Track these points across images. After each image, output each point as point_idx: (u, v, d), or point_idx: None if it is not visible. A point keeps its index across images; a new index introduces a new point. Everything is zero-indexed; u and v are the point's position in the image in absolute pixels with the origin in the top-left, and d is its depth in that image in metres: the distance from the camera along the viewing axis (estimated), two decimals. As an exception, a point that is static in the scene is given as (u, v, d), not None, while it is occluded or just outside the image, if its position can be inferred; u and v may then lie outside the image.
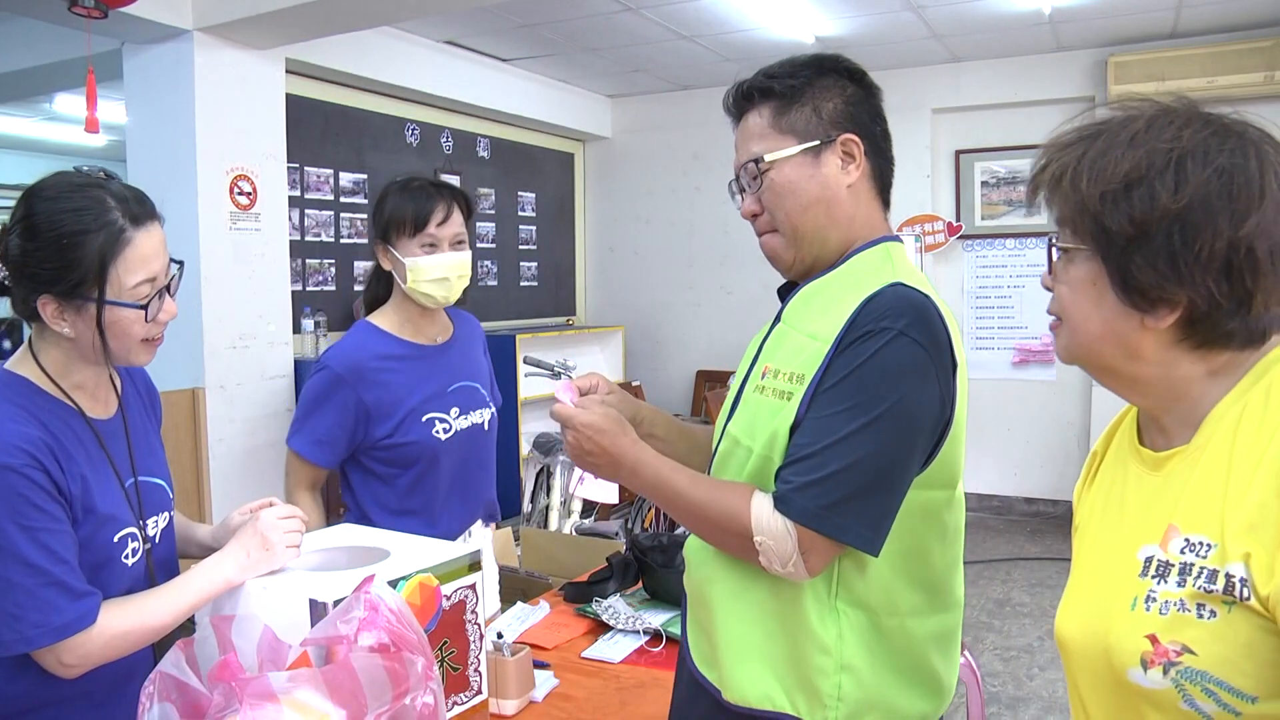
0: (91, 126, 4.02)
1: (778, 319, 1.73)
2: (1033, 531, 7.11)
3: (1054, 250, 1.18)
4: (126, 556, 1.66)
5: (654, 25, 6.43)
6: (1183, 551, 1.06)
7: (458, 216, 2.51)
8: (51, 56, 5.65)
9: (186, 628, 1.61)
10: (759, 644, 1.55)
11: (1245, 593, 1.00)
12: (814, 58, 1.67)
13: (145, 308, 1.62)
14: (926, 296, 1.49)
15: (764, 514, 1.45)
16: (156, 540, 1.76)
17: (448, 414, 2.53)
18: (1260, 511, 1.00)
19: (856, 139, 1.62)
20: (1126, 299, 1.10)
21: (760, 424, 1.56)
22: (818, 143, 1.60)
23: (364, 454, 2.48)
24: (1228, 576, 1.01)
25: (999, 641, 5.01)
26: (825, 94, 1.63)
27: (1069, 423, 7.31)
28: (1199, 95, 5.89)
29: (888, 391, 1.42)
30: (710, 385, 7.67)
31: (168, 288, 1.67)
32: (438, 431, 2.49)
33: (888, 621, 1.53)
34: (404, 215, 2.45)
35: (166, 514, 1.82)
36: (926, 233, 7.46)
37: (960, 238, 7.54)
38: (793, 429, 1.49)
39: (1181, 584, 1.05)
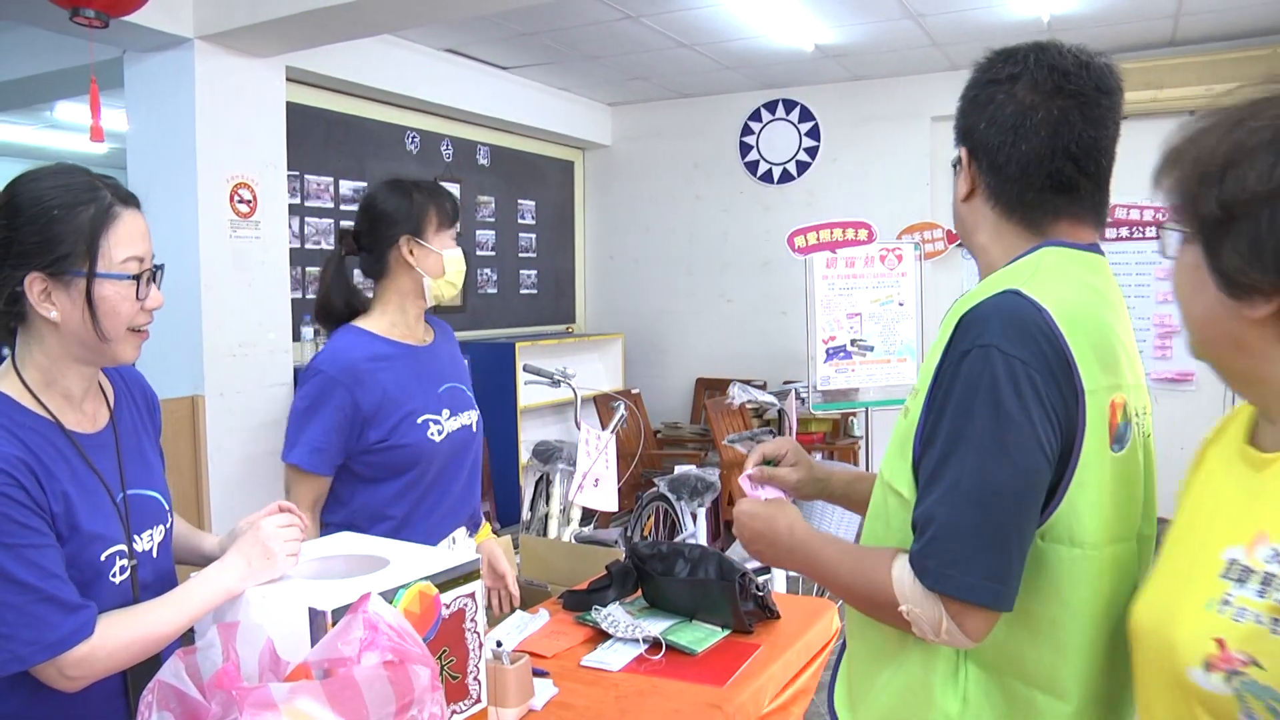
0: (97, 136, 4.01)
1: None
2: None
3: (1168, 236, 1.13)
4: (114, 575, 1.62)
5: (654, 33, 6.44)
6: (1269, 561, 1.00)
7: None
8: (53, 65, 5.67)
9: (185, 637, 1.60)
10: (886, 704, 1.45)
11: None
12: None
13: (137, 280, 1.60)
14: (1038, 307, 1.30)
15: (906, 580, 1.31)
16: (154, 554, 1.72)
17: (440, 415, 2.49)
18: None
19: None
20: (1221, 285, 1.05)
21: (892, 455, 1.44)
22: None
23: (354, 459, 2.41)
24: None
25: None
26: None
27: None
28: (1197, 103, 5.92)
29: (976, 421, 1.28)
30: (710, 393, 7.67)
31: (154, 277, 1.65)
32: (432, 434, 2.46)
33: (1020, 690, 1.36)
34: (440, 207, 2.47)
35: (162, 527, 1.77)
36: (926, 240, 7.46)
37: (960, 245, 7.54)
38: (916, 464, 1.38)
39: (1261, 594, 0.99)
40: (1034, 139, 1.41)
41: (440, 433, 2.48)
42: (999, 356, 1.27)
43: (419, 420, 2.43)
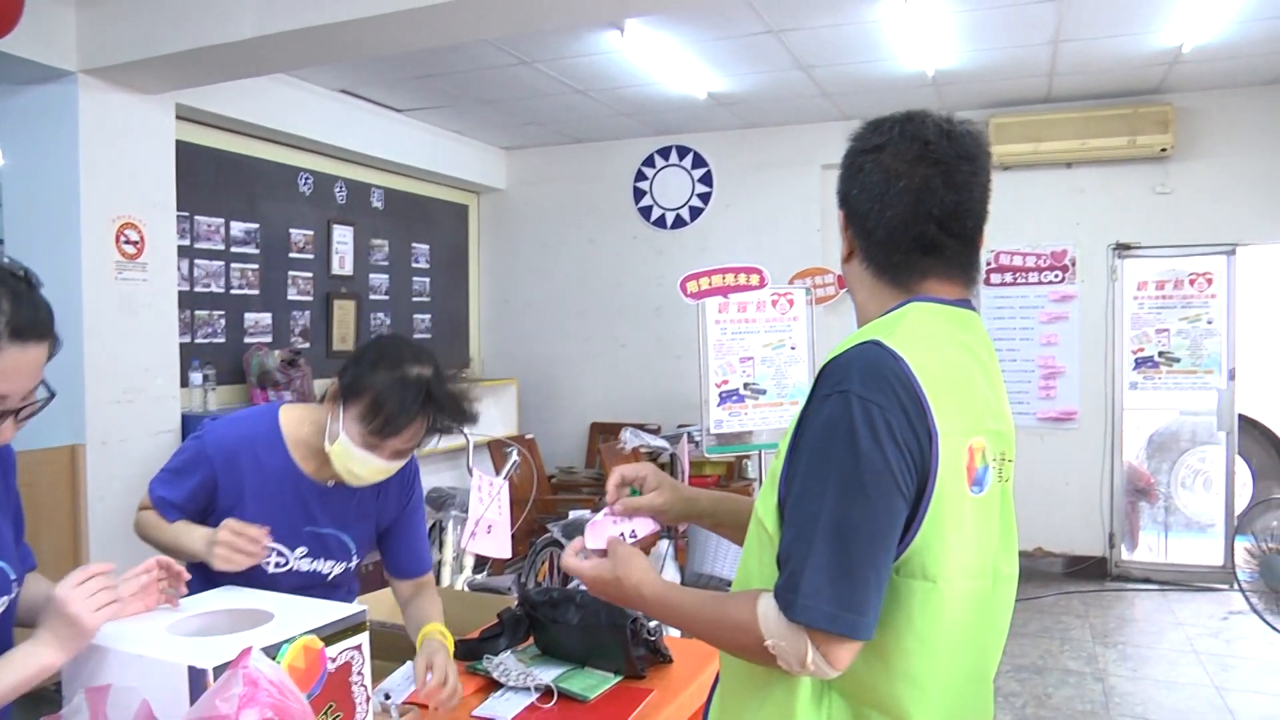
0: None
1: None
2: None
3: None
4: None
5: (548, 79, 6.49)
6: None
7: (419, 437, 2.28)
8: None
9: (53, 702, 1.53)
10: None
11: None
12: None
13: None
14: (895, 356, 1.38)
15: (771, 615, 1.36)
16: None
17: (290, 552, 2.36)
18: None
19: None
20: None
21: (765, 492, 1.49)
22: None
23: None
24: None
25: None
26: None
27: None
28: (1073, 156, 6.20)
29: (834, 460, 1.35)
30: (605, 437, 7.68)
31: (17, 411, 1.55)
32: (267, 563, 2.30)
33: (875, 718, 1.42)
34: (374, 406, 2.18)
35: (5, 598, 1.68)
36: (817, 285, 7.60)
37: (849, 292, 7.67)
38: (781, 502, 1.43)
39: None
40: (898, 205, 1.50)
41: (281, 565, 2.36)
42: (856, 401, 1.34)
43: None
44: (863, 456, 1.32)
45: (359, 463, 2.23)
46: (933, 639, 1.40)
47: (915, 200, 1.49)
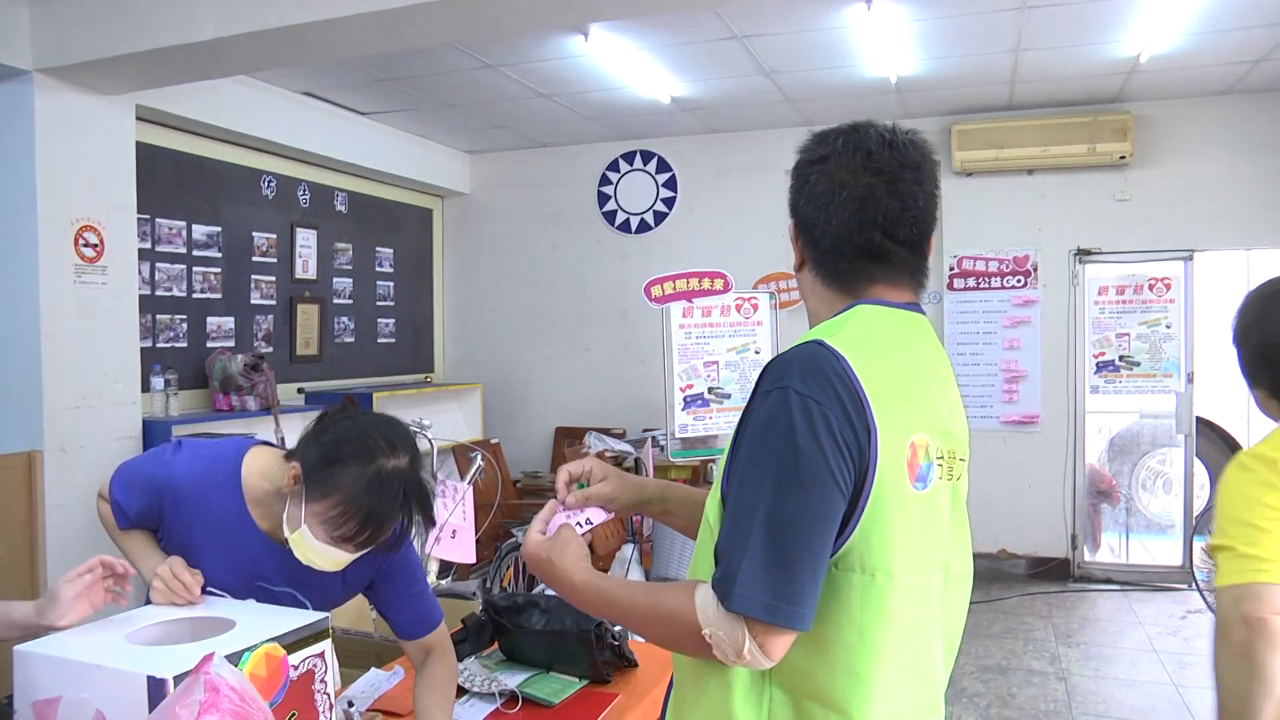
0: None
1: None
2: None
3: None
4: None
5: (513, 83, 6.48)
6: None
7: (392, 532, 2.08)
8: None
9: (4, 715, 1.51)
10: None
11: None
12: None
13: None
14: (835, 354, 1.41)
15: (709, 605, 1.37)
16: None
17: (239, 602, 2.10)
18: None
19: None
20: None
21: (713, 490, 1.52)
22: None
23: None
24: None
25: None
26: None
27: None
28: (1034, 163, 6.26)
29: (772, 454, 1.37)
30: (570, 442, 7.67)
31: None
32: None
33: (816, 711, 1.42)
34: (343, 511, 1.97)
35: None
36: (781, 290, 7.62)
37: (814, 295, 7.71)
38: (724, 497, 1.45)
39: None
40: (844, 214, 1.54)
41: None
42: (795, 396, 1.37)
43: (205, 587, 2.06)
44: (800, 451, 1.35)
45: (320, 555, 2.01)
46: (873, 633, 1.42)
47: (860, 208, 1.53)
